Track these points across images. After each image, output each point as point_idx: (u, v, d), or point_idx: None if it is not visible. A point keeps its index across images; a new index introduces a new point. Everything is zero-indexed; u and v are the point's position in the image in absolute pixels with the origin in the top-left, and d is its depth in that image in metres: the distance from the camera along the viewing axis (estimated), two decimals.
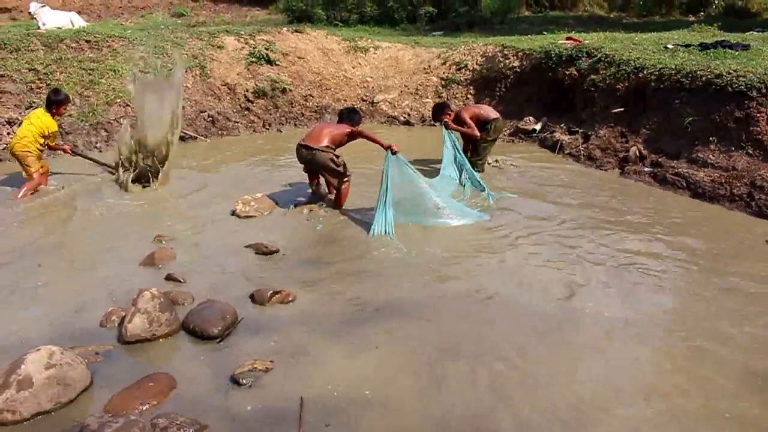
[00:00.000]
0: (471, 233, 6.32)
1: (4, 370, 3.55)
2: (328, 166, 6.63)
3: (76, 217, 6.82)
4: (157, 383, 3.68)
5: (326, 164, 6.63)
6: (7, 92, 9.98)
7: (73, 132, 9.81)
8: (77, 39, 11.41)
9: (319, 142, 6.65)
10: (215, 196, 7.48)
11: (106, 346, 4.13)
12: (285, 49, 12.79)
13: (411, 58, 13.19)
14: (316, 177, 7.14)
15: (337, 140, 6.81)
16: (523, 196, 7.42)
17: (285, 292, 4.78)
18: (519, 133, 10.43)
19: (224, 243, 5.95)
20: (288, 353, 4.02)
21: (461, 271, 5.40)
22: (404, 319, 4.50)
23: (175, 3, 27.15)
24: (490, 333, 4.34)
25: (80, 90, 10.42)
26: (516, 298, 4.88)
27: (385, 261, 5.61)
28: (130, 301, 4.41)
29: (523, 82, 11.43)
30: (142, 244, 5.90)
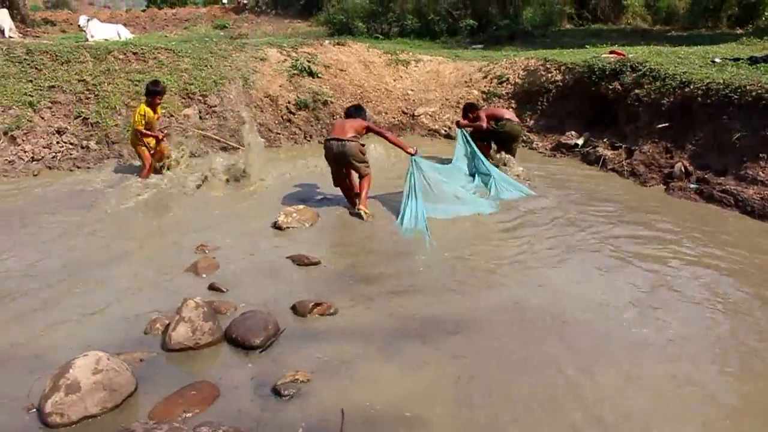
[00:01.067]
0: (510, 243, 6.31)
1: (53, 375, 3.62)
2: (357, 155, 7.10)
3: (123, 224, 6.96)
4: (200, 391, 3.72)
5: (356, 153, 7.08)
6: (57, 102, 10.24)
7: (119, 141, 10.01)
8: (124, 51, 11.66)
9: (346, 134, 7.10)
10: (257, 207, 7.57)
11: (150, 353, 4.19)
12: (327, 61, 12.90)
13: (452, 72, 13.18)
14: (343, 176, 7.42)
15: (359, 132, 7.27)
16: (564, 209, 7.35)
17: (326, 304, 4.79)
18: (561, 148, 10.31)
19: (266, 254, 6.00)
20: (329, 366, 4.03)
21: (503, 283, 5.37)
22: (447, 335, 4.45)
23: (218, 15, 27.64)
24: (533, 350, 4.28)
25: (126, 100, 10.63)
26: (557, 312, 4.81)
27: (426, 273, 5.59)
28: (174, 309, 4.48)
29: (565, 96, 11.31)
30: (185, 252, 6.00)
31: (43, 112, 10.04)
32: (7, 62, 10.50)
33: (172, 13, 29.61)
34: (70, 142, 9.83)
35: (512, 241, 6.39)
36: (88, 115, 10.22)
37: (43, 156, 9.45)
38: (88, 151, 9.78)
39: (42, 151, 9.53)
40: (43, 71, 10.64)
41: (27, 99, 10.00)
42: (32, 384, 3.76)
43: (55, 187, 8.25)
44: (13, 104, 9.85)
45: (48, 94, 10.28)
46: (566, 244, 6.26)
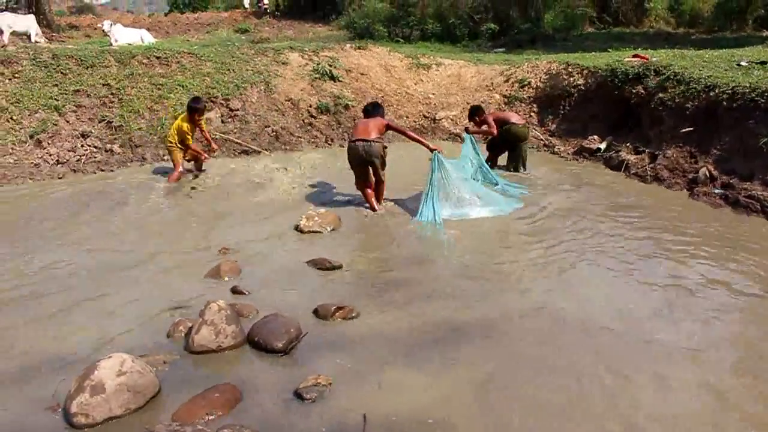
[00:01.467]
0: (533, 247, 6.28)
1: (78, 376, 3.65)
2: (381, 154, 7.28)
3: (146, 226, 7.01)
4: (222, 394, 3.73)
5: (380, 153, 7.27)
6: (82, 106, 10.37)
7: (143, 145, 10.11)
8: (148, 55, 11.78)
9: (370, 135, 7.26)
10: (279, 210, 7.59)
11: (173, 355, 4.21)
12: (348, 65, 12.94)
13: (473, 75, 13.16)
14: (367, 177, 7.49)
15: (381, 131, 7.43)
16: (586, 213, 7.30)
17: (348, 308, 4.79)
18: (583, 152, 10.23)
19: (288, 257, 6.01)
20: (351, 370, 4.03)
21: (526, 288, 5.35)
22: (470, 341, 4.43)
23: (239, 20, 27.82)
24: (559, 356, 4.24)
25: (149, 104, 10.74)
26: (582, 317, 4.77)
27: (449, 278, 5.56)
28: (196, 312, 4.51)
29: (587, 100, 11.23)
30: (208, 255, 6.03)
31: (68, 115, 10.17)
32: (33, 67, 10.65)
33: (194, 18, 29.88)
34: (94, 146, 9.94)
35: (535, 245, 6.36)
36: (112, 118, 10.33)
37: (68, 159, 9.56)
38: (112, 154, 9.88)
39: (67, 154, 9.64)
40: (69, 75, 10.78)
41: (53, 103, 10.15)
42: (57, 384, 3.79)
43: (79, 190, 8.33)
44: (39, 108, 10.00)
45: (73, 98, 10.42)
46: (589, 249, 6.22)
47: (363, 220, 7.18)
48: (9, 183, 8.61)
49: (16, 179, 8.74)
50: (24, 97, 10.08)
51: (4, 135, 9.52)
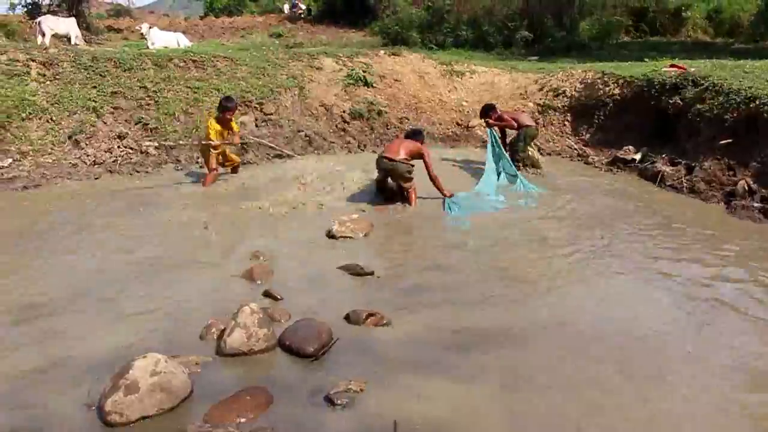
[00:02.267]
0: (564, 256, 6.22)
1: (113, 374, 3.70)
2: (404, 175, 7.72)
3: (180, 228, 7.08)
4: (254, 397, 3.74)
5: (403, 174, 7.72)
6: (119, 108, 10.53)
7: (177, 147, 10.23)
8: (184, 59, 11.93)
9: (398, 155, 7.70)
10: (311, 215, 7.61)
11: (206, 357, 4.23)
12: (382, 71, 12.96)
13: (507, 83, 13.09)
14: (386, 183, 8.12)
15: (411, 154, 7.83)
16: (619, 224, 7.21)
17: (380, 315, 4.77)
18: (618, 163, 10.10)
19: (320, 262, 6.01)
20: (382, 376, 4.01)
21: (558, 298, 5.29)
22: (502, 350, 4.39)
23: (274, 24, 28.06)
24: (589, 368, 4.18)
25: (185, 107, 10.86)
26: (611, 329, 4.70)
27: (482, 286, 5.51)
28: (229, 314, 4.53)
29: (623, 110, 11.11)
30: (240, 258, 6.07)
31: (105, 117, 10.33)
32: (74, 69, 10.84)
33: (229, 22, 30.22)
34: (130, 147, 10.08)
35: (566, 254, 6.30)
36: (148, 120, 10.47)
37: (105, 160, 9.70)
38: (147, 156, 10.01)
39: (103, 155, 9.79)
40: (107, 78, 10.95)
41: (91, 104, 10.32)
42: (92, 383, 3.84)
43: (114, 191, 8.44)
44: (78, 109, 10.17)
45: (110, 99, 10.58)
46: (620, 259, 6.14)
47: (395, 227, 7.17)
48: (48, 182, 8.77)
49: (54, 179, 8.91)
50: (64, 98, 10.26)
51: (43, 135, 9.71)
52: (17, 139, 9.49)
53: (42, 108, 9.98)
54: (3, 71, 10.26)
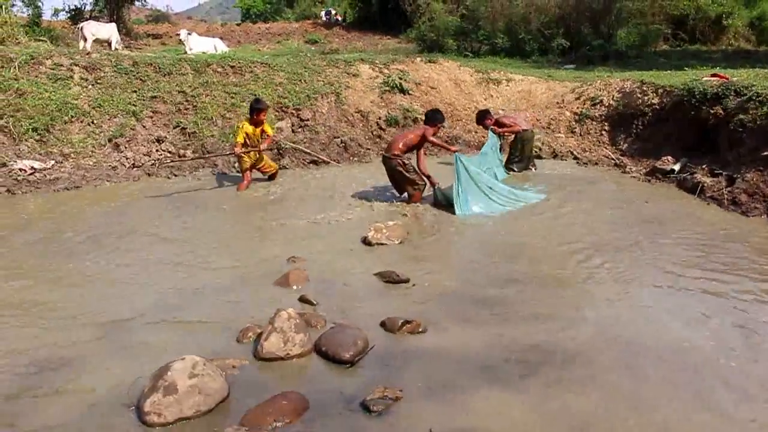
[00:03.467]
0: (607, 269, 6.06)
1: (152, 375, 3.74)
2: (396, 170, 8.03)
3: (217, 233, 7.16)
4: (290, 402, 3.74)
5: (394, 168, 8.05)
6: (158, 112, 10.71)
7: (214, 151, 10.35)
8: (223, 64, 12.10)
9: (390, 151, 8.09)
10: (347, 221, 7.64)
11: (242, 360, 4.25)
12: (418, 78, 12.99)
13: (544, 92, 13.01)
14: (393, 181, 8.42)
15: (409, 144, 8.13)
16: (661, 236, 7.06)
17: (415, 323, 4.74)
18: (656, 173, 9.93)
19: (355, 269, 6.02)
20: (418, 385, 3.98)
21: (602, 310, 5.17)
22: (541, 363, 4.28)
23: (310, 30, 28.28)
24: (638, 386, 4.03)
25: (222, 112, 11.02)
26: (660, 346, 4.55)
27: (522, 295, 5.44)
28: (265, 319, 4.56)
29: (662, 120, 10.95)
30: (277, 263, 6.10)
31: (144, 121, 10.54)
32: (115, 73, 11.06)
33: (266, 28, 30.56)
34: (168, 151, 10.25)
35: (609, 267, 6.17)
36: (186, 125, 10.64)
37: (143, 163, 9.87)
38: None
39: (142, 158, 9.97)
40: (147, 82, 11.16)
41: (131, 108, 10.52)
42: (131, 383, 3.89)
43: (152, 195, 8.58)
44: (118, 113, 10.37)
45: (150, 104, 10.79)
46: (663, 272, 6.00)
47: (431, 235, 7.15)
48: (88, 184, 8.94)
49: (94, 181, 9.09)
50: (105, 102, 10.48)
51: (84, 138, 9.92)
52: (59, 142, 9.71)
53: (84, 111, 10.20)
54: (48, 75, 10.51)
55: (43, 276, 5.75)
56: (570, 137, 11.78)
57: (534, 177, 10.01)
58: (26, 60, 10.58)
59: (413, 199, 8.23)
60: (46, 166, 9.18)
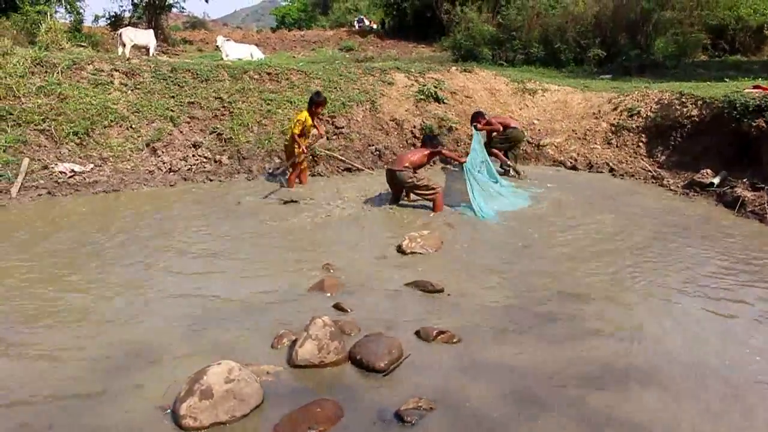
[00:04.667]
0: (641, 281, 5.97)
1: (188, 379, 3.78)
2: (406, 182, 8.36)
3: (252, 236, 7.22)
4: (324, 410, 3.74)
5: (405, 181, 8.35)
6: (195, 118, 10.83)
7: (250, 157, 10.44)
8: (259, 71, 12.20)
9: (400, 165, 8.39)
10: (381, 229, 7.66)
11: (277, 367, 4.26)
12: (453, 87, 12.96)
13: (580, 102, 12.87)
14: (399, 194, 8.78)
15: (416, 163, 8.52)
16: (697, 250, 6.94)
17: (449, 333, 4.73)
18: (694, 186, 9.74)
19: (389, 277, 6.01)
20: (452, 396, 3.95)
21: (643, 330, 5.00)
22: (584, 385, 4.17)
23: (344, 38, 28.42)
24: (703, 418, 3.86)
25: (258, 119, 11.10)
26: (726, 371, 4.40)
27: (560, 307, 5.36)
28: (299, 325, 4.59)
29: (701, 132, 10.72)
30: (311, 270, 6.12)
31: (182, 126, 10.66)
32: (153, 79, 11.22)
33: (301, 35, 30.80)
34: (205, 156, 10.35)
35: (650, 280, 6.07)
36: (223, 130, 10.74)
37: (180, 168, 9.99)
38: (221, 165, 10.25)
39: (179, 163, 10.08)
40: (185, 88, 11.29)
41: (169, 114, 10.65)
42: (167, 386, 3.93)
43: (190, 200, 8.67)
44: (156, 118, 10.51)
45: (187, 109, 10.92)
46: (712, 290, 5.85)
47: (465, 245, 7.09)
48: (126, 187, 9.07)
49: (132, 184, 9.22)
50: (143, 107, 10.63)
51: (123, 142, 10.06)
52: (99, 146, 9.87)
53: (123, 116, 10.36)
54: (89, 80, 10.70)
55: (80, 281, 5.85)
56: (606, 148, 11.63)
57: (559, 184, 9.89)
58: (69, 65, 10.79)
59: (437, 206, 8.41)
60: (85, 170, 9.34)
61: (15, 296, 5.38)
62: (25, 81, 10.09)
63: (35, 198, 8.42)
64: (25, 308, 5.15)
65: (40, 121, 9.66)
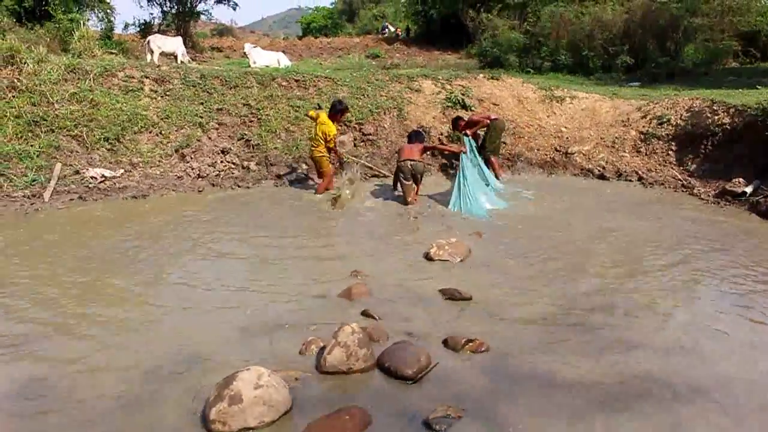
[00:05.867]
0: (681, 291, 5.86)
1: (218, 384, 3.79)
2: (422, 171, 9.21)
3: (280, 242, 7.25)
4: (352, 417, 3.73)
5: (423, 170, 9.27)
6: (224, 124, 10.93)
7: (277, 164, 10.49)
8: (287, 78, 12.28)
9: (416, 156, 9.10)
10: (409, 237, 7.64)
11: (305, 373, 4.27)
12: (480, 95, 12.92)
13: (608, 110, 12.74)
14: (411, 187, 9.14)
15: (422, 153, 9.29)
16: (732, 262, 6.81)
17: (478, 341, 4.69)
18: (726, 195, 9.59)
19: (417, 285, 5.99)
20: (481, 405, 3.93)
21: (689, 344, 4.92)
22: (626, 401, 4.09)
23: (371, 45, 28.49)
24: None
25: (286, 125, 11.17)
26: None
27: (593, 319, 5.29)
28: (327, 331, 4.60)
29: (733, 140, 10.56)
30: (339, 276, 6.14)
31: (210, 132, 10.76)
32: (183, 85, 11.34)
33: (327, 42, 30.94)
34: (233, 162, 10.42)
35: (688, 291, 6.02)
36: (251, 137, 10.82)
37: (208, 174, 10.07)
38: (248, 171, 10.32)
39: (207, 168, 10.16)
40: (213, 95, 11.41)
41: (197, 120, 10.76)
42: (197, 391, 3.96)
43: (217, 206, 8.74)
44: (185, 124, 10.62)
45: (216, 115, 11.02)
46: (745, 301, 5.77)
47: (493, 254, 7.04)
48: (154, 193, 9.16)
49: (161, 190, 9.32)
50: (173, 113, 10.75)
51: (153, 148, 10.18)
52: (129, 151, 10.00)
53: (152, 122, 10.48)
54: (120, 87, 10.85)
55: (112, 287, 5.92)
56: (635, 157, 11.51)
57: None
58: (101, 72, 10.95)
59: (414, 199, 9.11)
60: (115, 175, 9.46)
61: (49, 302, 5.46)
62: (58, 88, 10.26)
63: (67, 202, 8.54)
64: (61, 315, 5.22)
65: (72, 127, 9.81)
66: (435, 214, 8.61)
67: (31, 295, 5.56)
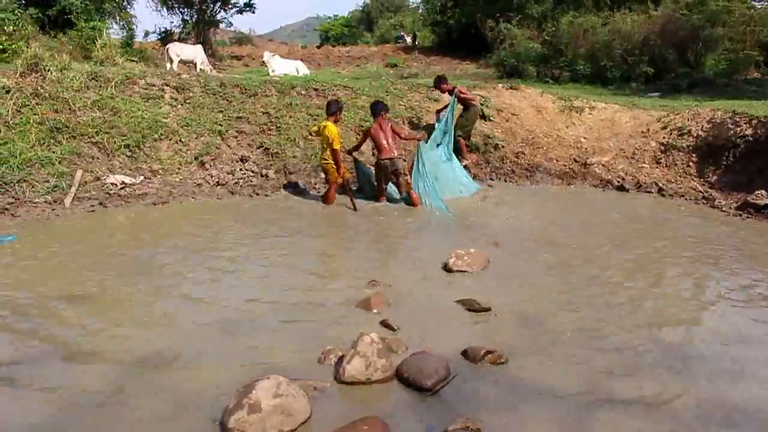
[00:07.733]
0: (705, 307, 5.83)
1: (237, 392, 3.80)
2: (402, 169, 9.16)
3: (297, 250, 7.26)
4: (371, 428, 3.71)
5: (401, 168, 9.17)
6: (243, 132, 10.98)
7: (296, 172, 10.52)
8: (306, 87, 12.33)
9: (395, 151, 9.23)
10: (427, 247, 7.62)
11: (324, 382, 4.26)
12: (499, 105, 12.90)
13: (628, 121, 12.67)
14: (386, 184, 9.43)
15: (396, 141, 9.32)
16: (753, 276, 6.74)
17: (497, 353, 4.65)
18: (748, 208, 9.48)
19: (435, 295, 5.96)
20: (500, 418, 3.89)
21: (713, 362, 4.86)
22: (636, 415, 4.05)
23: (389, 54, 28.58)
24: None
25: (305, 134, 11.20)
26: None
27: (613, 333, 5.24)
28: (346, 341, 4.59)
29: (755, 152, 10.47)
30: (357, 286, 6.12)
31: (229, 140, 10.81)
32: (203, 93, 11.42)
33: (345, 51, 31.07)
34: (251, 170, 10.47)
35: (723, 306, 5.95)
36: (269, 145, 10.86)
37: (227, 181, 10.11)
38: (267, 179, 10.35)
39: (226, 176, 10.21)
40: (233, 103, 11.47)
41: (217, 128, 10.82)
42: (216, 398, 3.95)
43: (236, 214, 8.76)
44: (205, 132, 10.69)
45: (235, 124, 11.08)
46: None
47: (512, 265, 7.00)
48: (174, 200, 9.21)
49: (180, 197, 9.36)
50: (192, 121, 10.82)
51: (172, 155, 10.25)
52: (149, 158, 10.06)
53: (173, 130, 10.55)
54: (141, 95, 10.94)
55: (133, 290, 5.94)
56: (655, 168, 11.43)
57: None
58: (122, 80, 11.05)
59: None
60: (135, 182, 9.52)
61: (70, 307, 5.49)
62: (80, 95, 10.35)
63: (87, 209, 8.60)
64: (80, 323, 5.25)
65: (93, 134, 9.89)
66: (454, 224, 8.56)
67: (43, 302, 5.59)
